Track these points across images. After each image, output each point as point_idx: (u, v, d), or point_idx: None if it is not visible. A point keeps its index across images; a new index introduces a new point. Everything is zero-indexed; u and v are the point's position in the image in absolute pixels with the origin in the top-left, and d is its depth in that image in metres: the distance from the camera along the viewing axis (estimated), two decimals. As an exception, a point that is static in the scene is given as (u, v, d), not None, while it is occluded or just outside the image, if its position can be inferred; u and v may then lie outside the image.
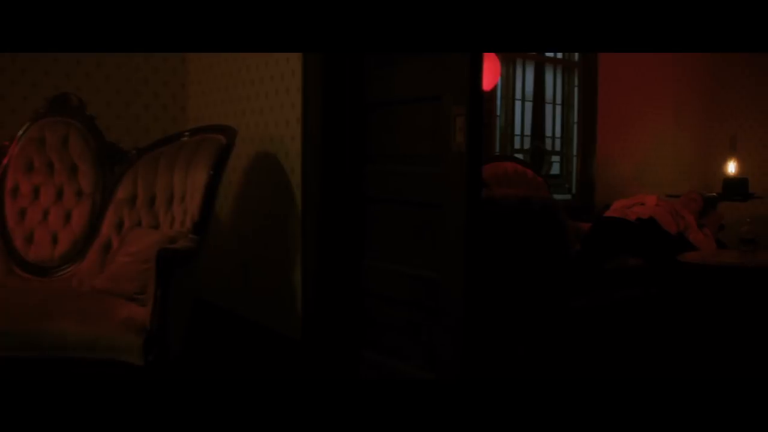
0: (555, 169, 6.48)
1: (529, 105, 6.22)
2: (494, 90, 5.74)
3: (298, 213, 3.50)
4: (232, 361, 3.70)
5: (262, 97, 3.82)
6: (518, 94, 6.12)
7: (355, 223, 3.40)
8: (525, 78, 6.16)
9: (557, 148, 6.48)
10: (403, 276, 3.10)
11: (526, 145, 6.24)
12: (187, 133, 3.70)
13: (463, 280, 2.74)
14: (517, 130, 6.16)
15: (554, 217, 4.56)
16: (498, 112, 5.95)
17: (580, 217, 5.79)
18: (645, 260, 5.05)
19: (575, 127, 6.51)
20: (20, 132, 3.71)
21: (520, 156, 6.06)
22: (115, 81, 4.44)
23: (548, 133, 6.39)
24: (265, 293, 3.83)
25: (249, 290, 3.97)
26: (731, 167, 6.73)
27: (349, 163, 3.39)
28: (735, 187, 6.50)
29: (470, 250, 2.72)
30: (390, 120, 3.22)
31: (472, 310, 2.75)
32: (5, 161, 3.67)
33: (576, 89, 6.48)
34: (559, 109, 6.46)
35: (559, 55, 6.42)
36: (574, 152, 6.52)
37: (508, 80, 6.02)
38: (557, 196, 6.35)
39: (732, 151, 6.76)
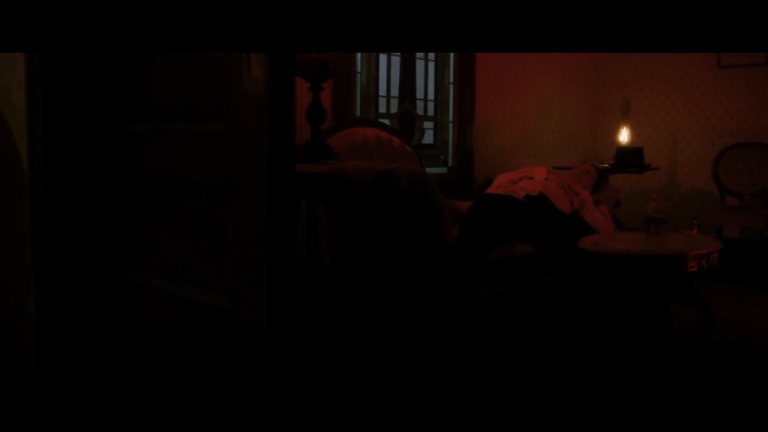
0: (428, 138, 5.46)
1: (396, 61, 5.16)
2: (353, 40, 4.64)
3: (27, 200, 2.25)
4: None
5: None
6: (383, 47, 5.04)
7: (119, 216, 2.20)
8: (391, 28, 5.08)
9: (430, 112, 5.46)
10: (184, 302, 1.94)
11: (394, 109, 5.18)
12: None
13: (266, 310, 1.62)
14: (383, 91, 5.09)
15: (426, 197, 3.54)
16: (359, 68, 4.86)
17: (459, 194, 4.84)
18: (535, 247, 4.12)
19: (451, 88, 5.52)
20: None
21: (386, 122, 5.00)
22: None
23: (420, 95, 5.36)
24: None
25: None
26: (624, 135, 5.97)
27: (108, 121, 2.18)
28: (629, 157, 5.73)
29: (276, 259, 1.60)
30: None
31: (280, 356, 1.65)
32: None
33: (451, 43, 5.47)
34: (432, 66, 5.44)
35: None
36: (450, 118, 5.54)
37: (370, 29, 4.92)
38: (431, 170, 5.36)
39: (624, 118, 6.01)
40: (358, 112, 4.87)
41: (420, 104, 5.36)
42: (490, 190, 4.49)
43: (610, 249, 3.65)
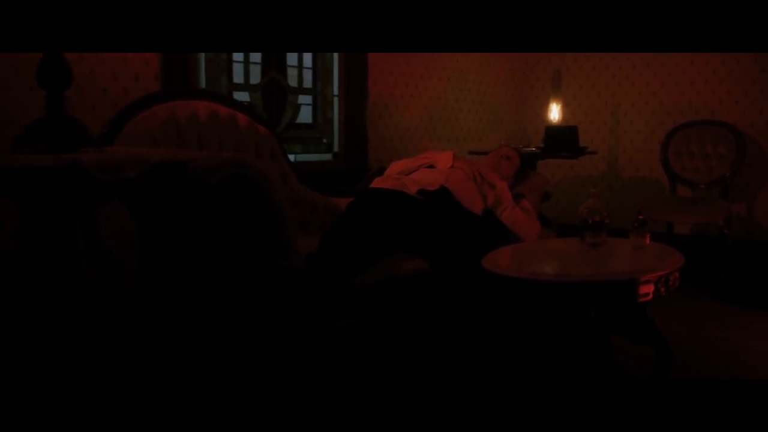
0: (305, 116, 4.27)
1: (259, 16, 3.95)
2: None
3: None
4: None
5: None
6: None
7: None
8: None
9: (308, 84, 4.27)
10: None
11: (256, 79, 3.97)
12: None
13: None
14: (239, 56, 3.87)
15: (253, 199, 2.34)
16: (203, 24, 3.63)
17: (345, 190, 3.67)
18: (430, 262, 2.95)
19: (335, 53, 4.34)
20: None
21: (244, 95, 3.80)
22: None
23: (292, 61, 4.17)
24: None
25: None
26: (554, 113, 4.92)
27: None
28: (561, 138, 4.68)
29: None
30: None
31: None
32: None
33: (335, -4, 4.29)
34: (309, 25, 4.26)
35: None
36: (336, 91, 4.36)
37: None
38: (310, 157, 4.22)
39: (555, 92, 4.97)
40: (203, 83, 3.65)
41: (293, 73, 4.16)
42: (376, 183, 3.33)
43: (530, 275, 2.51)
